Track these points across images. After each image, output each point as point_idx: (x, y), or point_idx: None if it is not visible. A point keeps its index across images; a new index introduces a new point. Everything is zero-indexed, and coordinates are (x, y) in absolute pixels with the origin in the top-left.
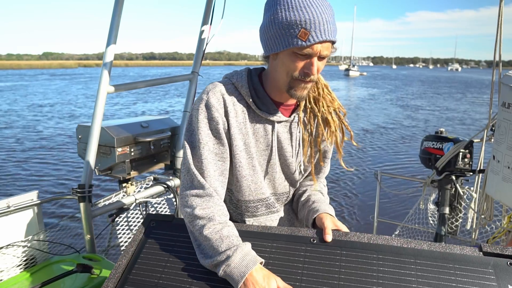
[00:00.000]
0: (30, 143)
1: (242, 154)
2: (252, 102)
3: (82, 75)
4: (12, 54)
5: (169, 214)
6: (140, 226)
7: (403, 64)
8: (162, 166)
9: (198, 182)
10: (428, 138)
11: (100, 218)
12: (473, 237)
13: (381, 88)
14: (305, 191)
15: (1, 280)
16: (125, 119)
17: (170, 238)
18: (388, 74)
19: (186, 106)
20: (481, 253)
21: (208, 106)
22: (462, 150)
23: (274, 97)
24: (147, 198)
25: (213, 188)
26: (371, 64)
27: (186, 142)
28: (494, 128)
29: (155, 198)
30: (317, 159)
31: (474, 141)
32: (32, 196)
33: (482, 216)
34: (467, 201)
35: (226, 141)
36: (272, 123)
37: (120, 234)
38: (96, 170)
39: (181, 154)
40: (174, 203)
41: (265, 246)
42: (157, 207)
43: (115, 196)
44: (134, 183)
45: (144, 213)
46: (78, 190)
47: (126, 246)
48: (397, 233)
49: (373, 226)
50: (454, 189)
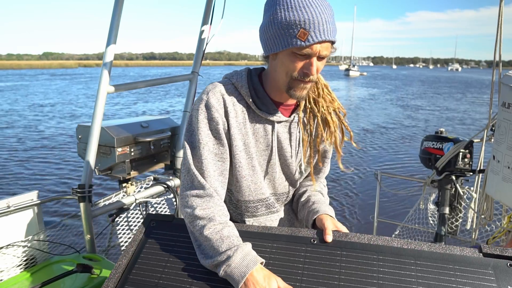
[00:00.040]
0: (32, 143)
1: (242, 154)
2: (252, 102)
3: (82, 75)
4: (12, 54)
5: (169, 214)
6: (140, 226)
7: (403, 64)
8: (162, 166)
9: (198, 183)
10: (428, 138)
11: (100, 218)
12: (473, 237)
13: (381, 88)
14: (305, 192)
15: (1, 280)
16: (125, 119)
17: (170, 238)
18: (388, 74)
19: (186, 106)
20: (481, 254)
21: (208, 107)
22: (462, 150)
23: (274, 97)
24: (147, 198)
25: (213, 188)
26: (371, 64)
27: (186, 143)
28: (494, 128)
29: (155, 198)
30: (317, 159)
31: (474, 141)
32: (32, 196)
33: (482, 216)
34: (467, 201)
35: (226, 141)
36: (272, 123)
37: (120, 234)
38: (96, 170)
39: (181, 154)
40: (174, 203)
41: (265, 247)
42: (157, 207)
43: (115, 196)
44: (134, 183)
45: (144, 213)
46: (78, 190)
47: (126, 246)
48: (397, 233)
49: (373, 226)
50: (454, 189)
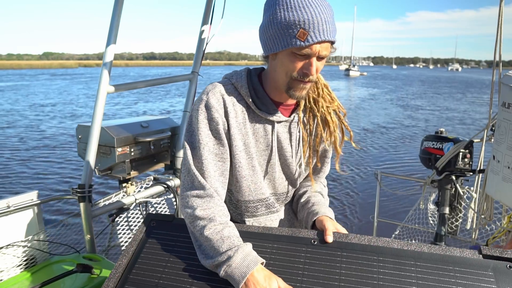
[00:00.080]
0: (34, 142)
1: (242, 154)
2: (251, 102)
3: (82, 75)
4: (12, 54)
5: (169, 214)
6: (140, 226)
7: (404, 64)
8: (162, 166)
9: (199, 183)
10: (428, 138)
11: (100, 218)
12: (473, 237)
13: (381, 88)
14: (305, 192)
15: (1, 280)
16: (125, 119)
17: (171, 238)
18: (388, 74)
19: (186, 106)
20: (480, 255)
21: (208, 107)
22: (462, 150)
23: (274, 97)
24: (147, 198)
25: (213, 188)
26: (372, 64)
27: (186, 143)
28: (494, 128)
29: (155, 198)
30: (316, 159)
31: (474, 141)
32: (32, 196)
33: (482, 216)
34: (467, 201)
35: (226, 141)
36: (272, 123)
37: (120, 234)
38: (96, 170)
39: (181, 154)
40: (174, 203)
41: (265, 247)
42: (157, 207)
43: (115, 196)
44: (134, 183)
45: (144, 213)
46: (78, 190)
47: (126, 246)
48: (397, 233)
49: (373, 226)
50: (454, 189)
